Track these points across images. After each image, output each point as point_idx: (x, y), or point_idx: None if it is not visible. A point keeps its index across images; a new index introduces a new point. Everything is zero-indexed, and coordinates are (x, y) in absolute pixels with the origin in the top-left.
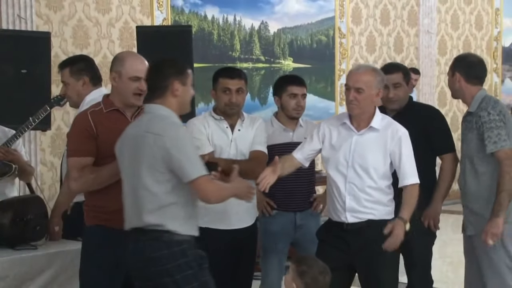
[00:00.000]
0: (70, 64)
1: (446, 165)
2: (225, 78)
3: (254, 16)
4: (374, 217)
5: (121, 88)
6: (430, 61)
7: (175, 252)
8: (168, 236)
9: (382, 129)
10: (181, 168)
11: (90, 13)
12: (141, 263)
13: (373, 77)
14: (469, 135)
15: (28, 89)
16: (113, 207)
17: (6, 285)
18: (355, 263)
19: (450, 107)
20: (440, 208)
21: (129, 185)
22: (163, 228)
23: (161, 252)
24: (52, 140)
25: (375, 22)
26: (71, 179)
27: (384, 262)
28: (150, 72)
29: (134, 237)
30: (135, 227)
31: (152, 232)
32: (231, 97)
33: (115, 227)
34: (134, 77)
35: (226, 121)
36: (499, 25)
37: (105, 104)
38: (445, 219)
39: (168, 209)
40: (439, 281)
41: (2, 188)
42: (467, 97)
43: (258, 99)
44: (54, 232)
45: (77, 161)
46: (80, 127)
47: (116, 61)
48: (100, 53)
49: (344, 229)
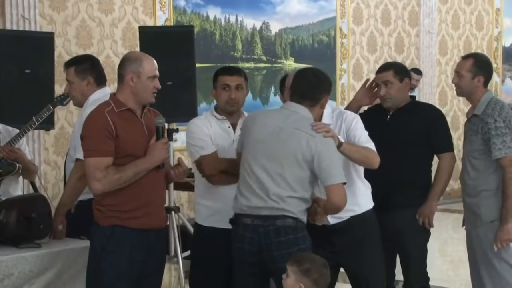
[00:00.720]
0: (76, 63)
1: (444, 164)
2: (224, 75)
3: (256, 16)
4: (355, 213)
5: (140, 88)
6: (430, 61)
7: (298, 238)
8: (295, 223)
9: (333, 123)
10: (327, 170)
11: (93, 13)
12: (268, 247)
13: None
14: (473, 137)
15: (31, 89)
16: (129, 206)
17: (11, 283)
18: (341, 262)
19: (451, 106)
20: (435, 206)
21: (260, 171)
22: (294, 215)
23: (288, 237)
24: (55, 139)
25: (376, 22)
26: (94, 179)
27: (369, 259)
28: (300, 80)
29: (262, 222)
30: (262, 214)
31: (282, 218)
32: (230, 93)
33: (132, 227)
34: (153, 76)
35: (228, 121)
36: (499, 25)
37: (115, 103)
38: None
39: (296, 200)
40: (440, 279)
41: (6, 187)
42: (476, 98)
43: (260, 99)
44: (58, 230)
45: (99, 161)
46: (100, 126)
47: (131, 62)
48: (103, 53)
49: (328, 229)
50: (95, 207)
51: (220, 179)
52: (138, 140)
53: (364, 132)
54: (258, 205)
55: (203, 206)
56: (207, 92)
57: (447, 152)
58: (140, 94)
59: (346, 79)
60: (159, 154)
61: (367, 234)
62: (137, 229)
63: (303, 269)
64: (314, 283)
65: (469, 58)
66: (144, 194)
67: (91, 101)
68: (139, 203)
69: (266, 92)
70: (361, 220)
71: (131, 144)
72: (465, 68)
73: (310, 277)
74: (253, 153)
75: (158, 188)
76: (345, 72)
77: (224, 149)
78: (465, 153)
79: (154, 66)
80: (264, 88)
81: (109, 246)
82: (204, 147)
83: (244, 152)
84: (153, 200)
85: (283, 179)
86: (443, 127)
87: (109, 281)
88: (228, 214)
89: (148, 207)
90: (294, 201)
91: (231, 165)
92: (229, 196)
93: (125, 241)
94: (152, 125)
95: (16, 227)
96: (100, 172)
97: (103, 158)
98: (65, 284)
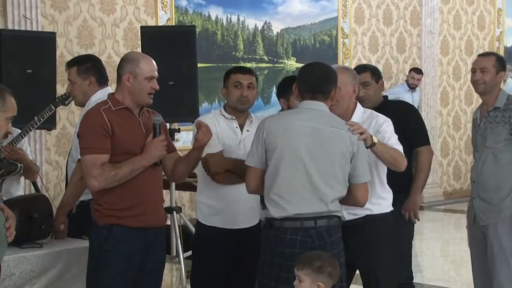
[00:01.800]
0: (78, 63)
1: (423, 157)
2: (237, 73)
3: (258, 16)
4: (372, 213)
5: (136, 88)
6: (432, 61)
7: (340, 236)
8: (339, 221)
9: (363, 123)
10: (360, 169)
11: (95, 13)
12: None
13: (346, 75)
14: (500, 128)
15: (33, 89)
16: (125, 204)
17: (12, 282)
18: (354, 260)
19: (452, 106)
20: (419, 199)
21: (310, 173)
22: (339, 214)
23: (337, 236)
24: (57, 139)
25: (378, 22)
26: (90, 176)
27: (381, 259)
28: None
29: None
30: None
31: (330, 218)
32: (242, 91)
33: (130, 225)
34: (150, 77)
35: (236, 121)
36: (501, 25)
37: (112, 102)
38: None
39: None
40: (441, 279)
41: (7, 187)
42: (495, 93)
43: (262, 98)
44: (60, 230)
45: (95, 158)
46: (95, 124)
47: (128, 62)
48: (104, 53)
49: (343, 227)
50: (93, 206)
51: (225, 178)
52: (135, 138)
53: (394, 135)
54: (311, 209)
55: (205, 205)
56: (208, 92)
57: (425, 146)
58: (136, 94)
59: None
60: (156, 151)
61: (381, 235)
62: (135, 228)
63: (315, 268)
64: (329, 277)
65: (491, 55)
66: (141, 192)
67: (93, 101)
68: (135, 201)
69: (268, 92)
70: (376, 220)
71: (128, 141)
72: (490, 64)
73: (324, 272)
74: (295, 156)
75: (155, 186)
76: None
77: (231, 149)
78: (485, 147)
79: (152, 67)
80: (266, 88)
81: (107, 245)
82: (211, 145)
83: (277, 157)
84: (150, 198)
85: (335, 179)
86: (418, 122)
87: (107, 280)
88: (230, 215)
89: (144, 205)
90: (338, 199)
91: (237, 165)
92: (232, 196)
93: (122, 239)
94: (149, 123)
95: (18, 227)
96: (96, 169)
97: (99, 155)
98: (66, 284)
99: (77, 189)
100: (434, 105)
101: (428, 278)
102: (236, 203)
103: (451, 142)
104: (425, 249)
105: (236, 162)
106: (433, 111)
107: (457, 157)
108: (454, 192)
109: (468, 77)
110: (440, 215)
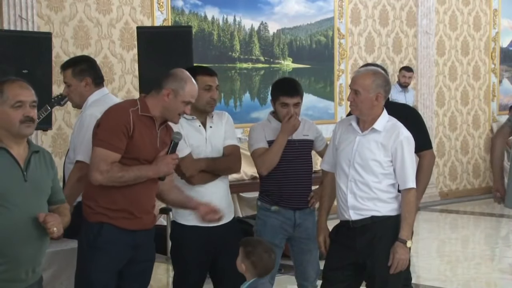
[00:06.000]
0: (73, 65)
1: (426, 161)
2: (205, 75)
3: (254, 16)
4: (378, 214)
5: (172, 106)
6: (428, 61)
7: None
8: None
9: (385, 131)
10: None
11: (91, 13)
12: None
13: (371, 81)
14: None
15: None
16: (117, 206)
17: None
18: (361, 261)
19: (448, 107)
20: (418, 204)
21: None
22: None
23: None
24: (53, 139)
25: (374, 22)
26: (97, 170)
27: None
28: None
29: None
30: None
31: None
32: (212, 94)
33: (119, 226)
34: (188, 102)
35: (198, 120)
36: (497, 25)
37: (142, 106)
38: (443, 219)
39: None
40: (437, 279)
41: None
42: None
43: (258, 99)
44: None
45: (107, 155)
46: (119, 121)
47: (176, 80)
48: (100, 53)
49: (350, 227)
50: (84, 202)
51: (200, 179)
52: (149, 148)
53: (408, 157)
54: None
55: None
56: None
57: (427, 150)
58: (169, 111)
59: (344, 80)
60: (164, 167)
61: (387, 236)
62: (124, 229)
63: (246, 251)
64: (253, 265)
65: None
66: (135, 197)
67: (91, 102)
68: (127, 204)
69: (264, 93)
70: (382, 222)
71: (142, 149)
72: None
73: (249, 259)
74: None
75: (149, 197)
76: (343, 72)
77: (199, 149)
78: None
79: (194, 93)
80: (262, 89)
81: (96, 242)
82: (179, 149)
83: None
84: (143, 204)
85: None
86: (420, 126)
87: (95, 277)
88: None
89: (136, 210)
90: None
91: (209, 164)
92: (209, 193)
93: (112, 238)
94: (165, 139)
95: None
96: (105, 165)
97: (112, 153)
98: (62, 284)
99: (74, 191)
100: (430, 105)
101: (424, 278)
102: (213, 200)
103: (447, 143)
104: (421, 249)
105: (208, 162)
106: (429, 111)
107: (453, 157)
108: (450, 192)
109: (465, 78)
110: (436, 215)
